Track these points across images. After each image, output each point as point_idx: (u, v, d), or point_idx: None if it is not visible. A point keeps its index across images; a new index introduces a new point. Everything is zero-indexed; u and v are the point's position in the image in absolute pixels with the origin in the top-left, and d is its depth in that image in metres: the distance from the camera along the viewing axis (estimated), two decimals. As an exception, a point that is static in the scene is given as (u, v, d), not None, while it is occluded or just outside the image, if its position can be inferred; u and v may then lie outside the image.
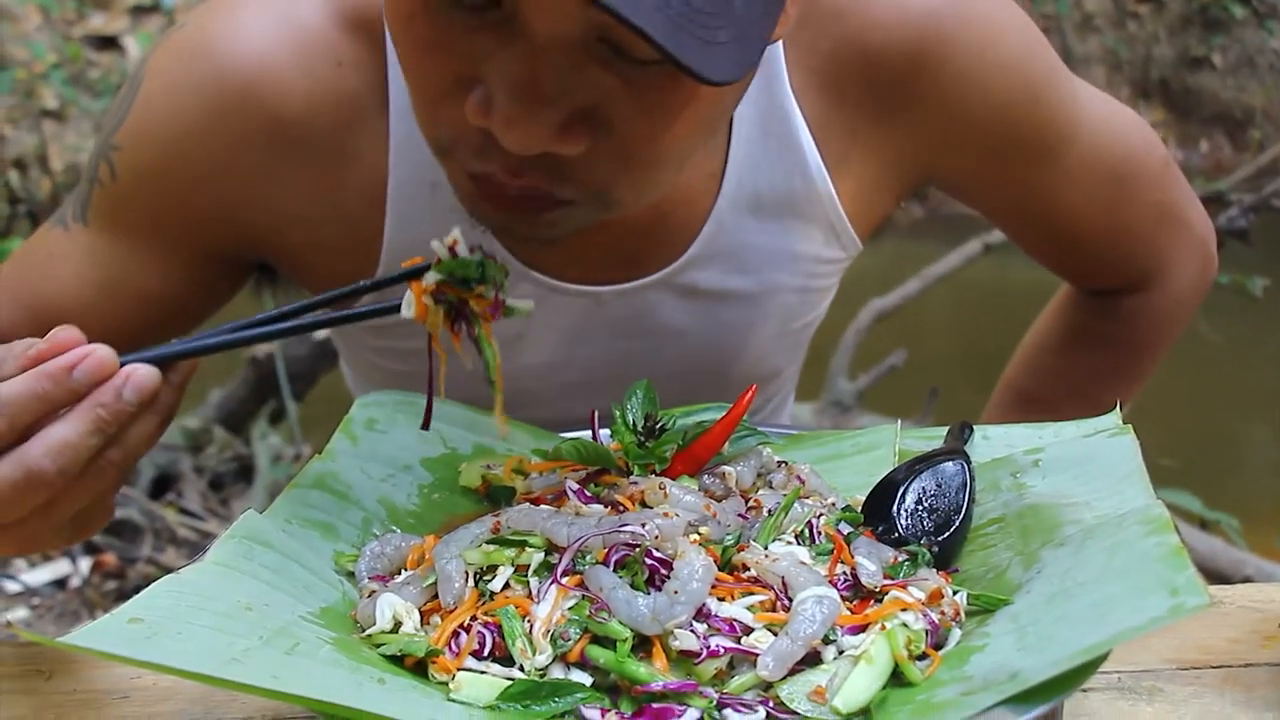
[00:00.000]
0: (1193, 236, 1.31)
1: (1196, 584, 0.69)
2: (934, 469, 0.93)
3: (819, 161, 1.11)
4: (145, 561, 3.23)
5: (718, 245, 1.12)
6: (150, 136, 1.05)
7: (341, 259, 1.10)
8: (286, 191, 1.06)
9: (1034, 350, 1.44)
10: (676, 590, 0.75)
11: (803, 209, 1.13)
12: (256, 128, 1.03)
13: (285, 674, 0.69)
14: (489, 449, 1.03)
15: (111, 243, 1.09)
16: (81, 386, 0.76)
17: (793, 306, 1.20)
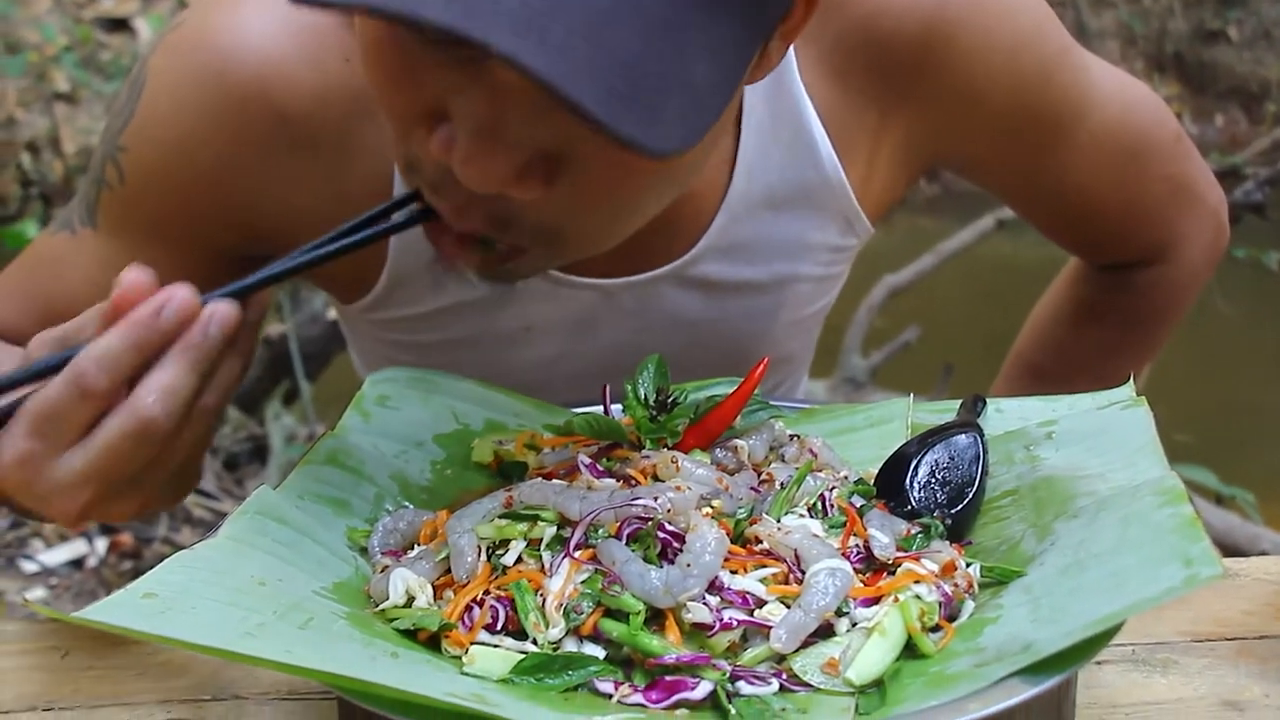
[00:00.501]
0: (1205, 209, 1.31)
1: (1211, 555, 0.69)
2: (947, 442, 0.93)
3: (830, 151, 1.10)
4: (161, 541, 3.24)
5: (728, 237, 1.12)
6: (155, 137, 1.04)
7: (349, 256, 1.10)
8: (294, 188, 1.06)
9: (1044, 324, 1.43)
10: (689, 563, 0.75)
11: (815, 199, 1.12)
12: (262, 124, 1.02)
13: (299, 648, 0.69)
14: (501, 425, 1.04)
15: (122, 246, 1.07)
16: (171, 328, 0.75)
17: (805, 295, 1.19)
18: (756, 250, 1.13)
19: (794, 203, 1.11)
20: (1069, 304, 1.41)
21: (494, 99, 0.75)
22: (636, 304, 1.14)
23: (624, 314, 1.14)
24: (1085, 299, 1.39)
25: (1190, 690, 0.84)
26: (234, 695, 0.84)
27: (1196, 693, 0.83)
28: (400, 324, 1.15)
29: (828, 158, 1.10)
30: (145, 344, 0.75)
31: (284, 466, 3.38)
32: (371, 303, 1.13)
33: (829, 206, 1.13)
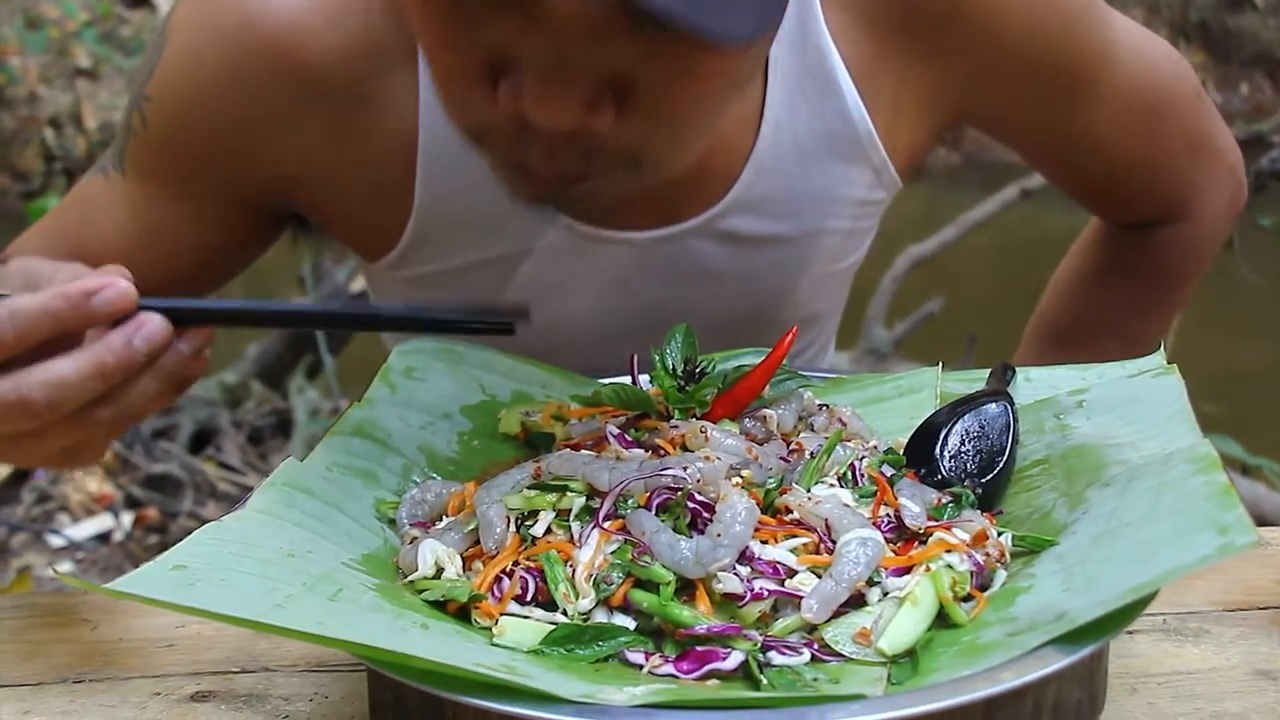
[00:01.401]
0: (1224, 166, 1.31)
1: (1245, 522, 0.68)
2: (977, 411, 0.92)
3: (859, 102, 1.10)
4: (186, 515, 3.26)
5: (758, 190, 1.12)
6: (177, 88, 1.05)
7: (373, 210, 1.10)
8: (314, 141, 1.06)
9: (1066, 285, 1.43)
10: (719, 533, 0.75)
11: (844, 151, 1.12)
12: (282, 79, 1.03)
13: (330, 620, 0.69)
14: (528, 395, 1.03)
15: (147, 192, 1.10)
16: (96, 314, 0.75)
17: (834, 249, 1.19)
18: (785, 203, 1.13)
19: (821, 154, 1.12)
20: (1090, 265, 1.40)
21: (554, 36, 0.76)
22: (666, 258, 1.13)
23: (653, 269, 1.14)
24: (1105, 260, 1.39)
25: (1223, 659, 0.83)
26: (263, 667, 0.84)
27: (1229, 662, 0.83)
28: (426, 280, 1.15)
29: (855, 108, 1.10)
30: (62, 317, 0.75)
31: (308, 440, 3.39)
32: (396, 259, 1.13)
33: (857, 158, 1.13)
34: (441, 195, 1.08)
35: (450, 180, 1.07)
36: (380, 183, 1.08)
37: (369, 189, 1.09)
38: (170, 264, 1.11)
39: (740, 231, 1.13)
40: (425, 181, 1.07)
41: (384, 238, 1.12)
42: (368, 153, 1.07)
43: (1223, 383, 3.86)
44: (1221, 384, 3.80)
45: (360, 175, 1.08)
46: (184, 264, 1.12)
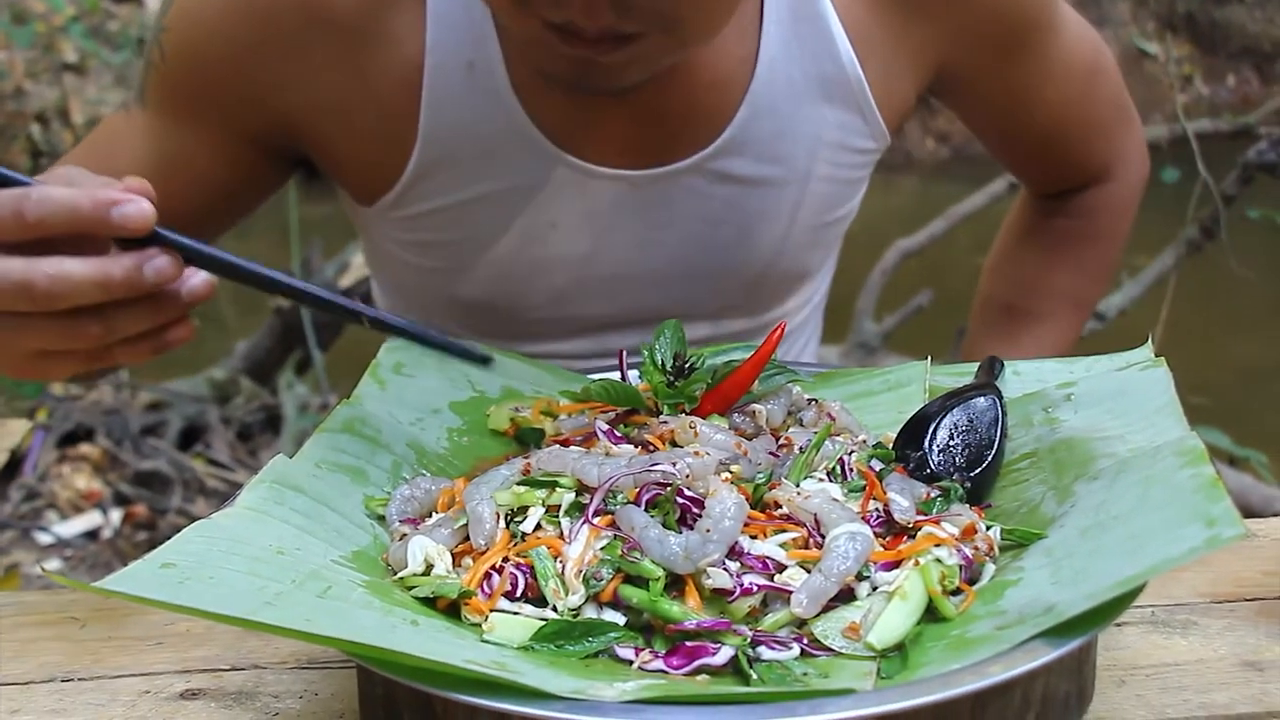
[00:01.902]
0: (1138, 130, 1.39)
1: (1233, 515, 0.68)
2: (965, 404, 0.92)
3: (849, 47, 1.13)
4: (175, 512, 3.25)
5: (750, 131, 1.14)
6: (193, 16, 1.09)
7: (376, 144, 1.13)
8: (321, 74, 1.09)
9: (1005, 262, 1.47)
10: (709, 529, 0.75)
11: (834, 94, 1.15)
12: (290, 9, 1.07)
13: (319, 617, 0.69)
14: (517, 391, 1.03)
15: (164, 123, 1.13)
16: (114, 224, 0.76)
17: (824, 197, 1.21)
18: (777, 145, 1.15)
19: (814, 97, 1.14)
20: (1025, 238, 1.45)
21: None
22: (660, 197, 1.15)
23: (647, 208, 1.15)
24: (1039, 231, 1.43)
25: (1210, 651, 0.83)
26: (253, 665, 0.84)
27: (1217, 653, 0.83)
28: (424, 220, 1.16)
29: (845, 54, 1.14)
30: (81, 215, 0.76)
31: (297, 436, 3.39)
32: (396, 198, 1.15)
33: (847, 102, 1.16)
34: (445, 128, 1.10)
35: (454, 114, 1.09)
36: (385, 115, 1.11)
37: (374, 121, 1.11)
38: (187, 196, 1.13)
39: (733, 172, 1.15)
40: (429, 114, 1.09)
41: (386, 173, 1.14)
42: (374, 84, 1.09)
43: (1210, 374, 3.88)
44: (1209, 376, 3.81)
45: (366, 107, 1.10)
46: (200, 197, 1.14)
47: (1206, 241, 3.42)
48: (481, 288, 1.19)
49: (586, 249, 1.17)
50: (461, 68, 1.08)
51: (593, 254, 1.17)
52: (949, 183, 5.14)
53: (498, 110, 1.09)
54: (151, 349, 0.82)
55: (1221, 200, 3.34)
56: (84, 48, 5.91)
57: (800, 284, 1.28)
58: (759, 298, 1.25)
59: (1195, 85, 8.77)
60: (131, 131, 1.14)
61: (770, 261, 1.21)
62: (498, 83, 1.08)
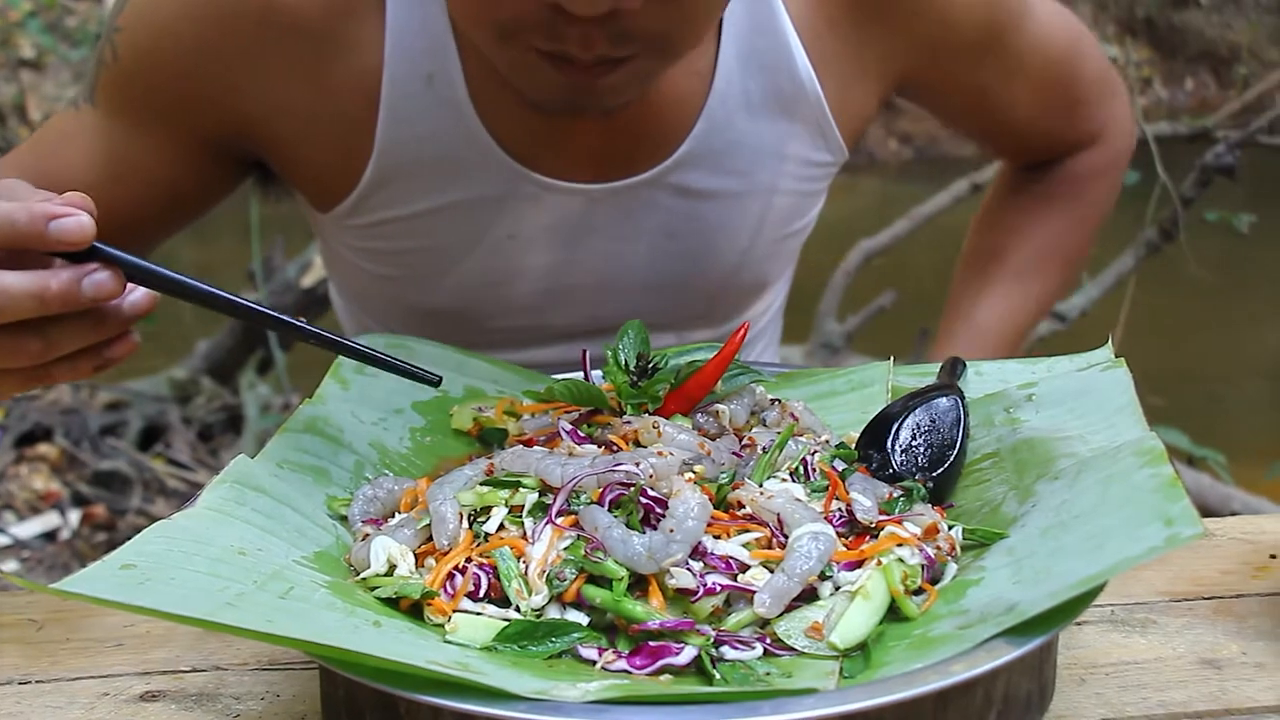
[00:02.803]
0: (1123, 97, 1.39)
1: (1191, 514, 0.69)
2: (927, 405, 0.93)
3: (806, 62, 1.13)
4: (135, 513, 3.23)
5: (708, 144, 1.14)
6: (146, 17, 1.08)
7: (332, 152, 1.12)
8: (277, 79, 1.08)
9: (989, 216, 1.46)
10: (672, 529, 0.75)
11: (791, 109, 1.15)
12: (248, 11, 1.05)
13: (280, 618, 0.68)
14: (480, 391, 1.03)
15: (115, 123, 1.11)
16: (50, 238, 0.75)
17: (781, 210, 1.21)
18: (735, 157, 1.15)
19: (770, 110, 1.15)
20: (1009, 197, 1.44)
21: None
22: (619, 210, 1.15)
23: (607, 222, 1.15)
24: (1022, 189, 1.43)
25: (1169, 649, 0.84)
26: (214, 666, 0.84)
27: (1175, 651, 0.84)
28: (381, 228, 1.16)
29: (803, 67, 1.14)
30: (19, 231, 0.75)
31: (259, 436, 3.37)
32: (352, 205, 1.14)
33: (804, 117, 1.16)
34: (402, 138, 1.09)
35: (411, 125, 1.09)
36: (343, 122, 1.10)
37: (331, 128, 1.10)
38: (138, 198, 1.12)
39: (691, 186, 1.15)
40: (387, 125, 1.09)
41: (343, 180, 1.13)
42: (332, 91, 1.08)
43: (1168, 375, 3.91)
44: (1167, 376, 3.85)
45: (323, 114, 1.09)
46: (150, 199, 1.13)
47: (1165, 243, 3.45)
48: (438, 297, 1.18)
49: (545, 261, 1.16)
50: (420, 79, 1.07)
51: (551, 266, 1.17)
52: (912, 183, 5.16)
53: (456, 123, 1.08)
54: (92, 366, 0.81)
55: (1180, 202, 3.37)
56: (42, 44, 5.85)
57: (760, 294, 1.28)
58: (721, 308, 1.25)
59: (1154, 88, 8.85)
60: (80, 131, 1.13)
61: (731, 273, 1.21)
62: (456, 95, 1.08)
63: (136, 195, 1.12)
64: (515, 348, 1.19)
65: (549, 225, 1.14)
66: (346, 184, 1.12)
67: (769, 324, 1.36)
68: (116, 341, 0.81)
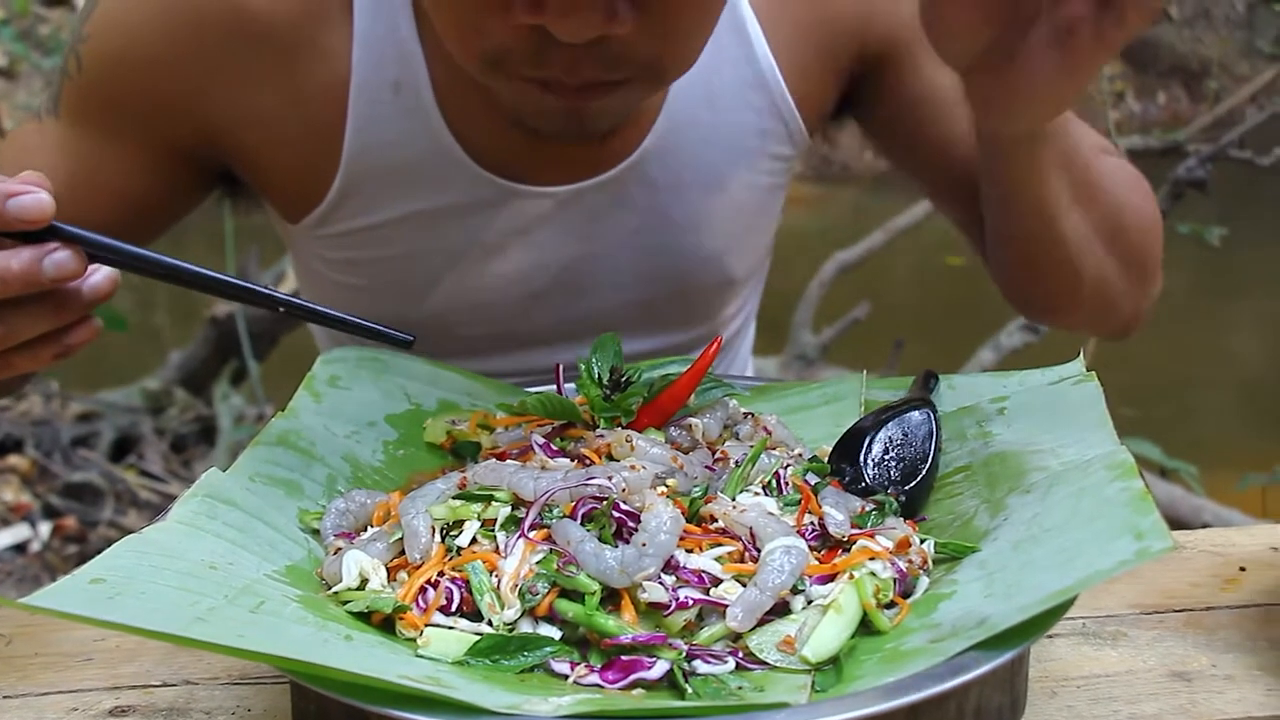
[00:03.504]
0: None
1: (1161, 528, 0.69)
2: (900, 418, 0.93)
3: (766, 50, 1.14)
4: (107, 525, 3.21)
5: (671, 139, 1.14)
6: (114, 24, 1.07)
7: (301, 162, 1.11)
8: (246, 86, 1.07)
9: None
10: (644, 543, 0.75)
11: (752, 99, 1.15)
12: (217, 18, 1.05)
13: (251, 632, 0.68)
14: (454, 404, 1.03)
15: (81, 134, 1.10)
16: (8, 216, 0.73)
17: (747, 204, 1.21)
18: (697, 152, 1.16)
19: (732, 100, 1.15)
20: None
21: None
22: (586, 211, 1.15)
23: (574, 223, 1.16)
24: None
25: (1140, 662, 0.85)
26: (185, 681, 0.83)
27: (1145, 664, 0.84)
28: (351, 238, 1.15)
29: (763, 56, 1.14)
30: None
31: (232, 448, 3.35)
32: (322, 215, 1.14)
33: (765, 107, 1.16)
34: (370, 146, 1.09)
35: (379, 133, 1.09)
36: (311, 131, 1.09)
37: (300, 136, 1.10)
38: (104, 209, 1.11)
39: (657, 181, 1.15)
40: (355, 133, 1.09)
41: (312, 190, 1.13)
42: (300, 99, 1.08)
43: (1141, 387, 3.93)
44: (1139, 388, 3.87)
45: (292, 122, 1.09)
46: (117, 210, 1.12)
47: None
48: (409, 307, 1.18)
49: (515, 266, 1.17)
50: (387, 87, 1.07)
51: (522, 271, 1.17)
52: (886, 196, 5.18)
53: (423, 130, 1.08)
54: (53, 353, 0.79)
55: (1152, 215, 3.38)
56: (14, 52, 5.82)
57: (730, 293, 1.28)
58: (689, 308, 1.25)
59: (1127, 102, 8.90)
60: (44, 144, 1.11)
61: (697, 269, 1.21)
62: (423, 103, 1.08)
63: (104, 207, 1.11)
64: (488, 354, 1.19)
65: (518, 230, 1.15)
66: (315, 193, 1.12)
67: (741, 331, 1.36)
68: (77, 327, 0.79)
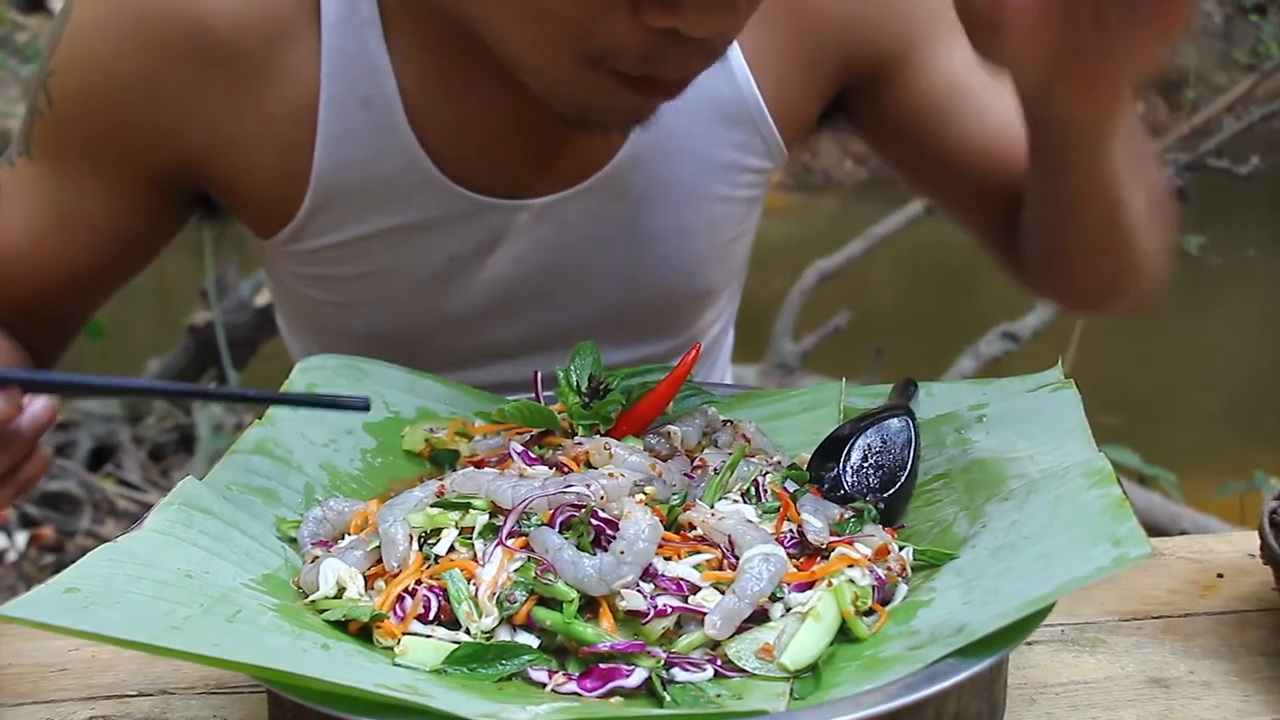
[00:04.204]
0: None
1: (1139, 535, 0.69)
2: (879, 426, 0.93)
3: (743, 65, 1.13)
4: (84, 534, 3.19)
5: (643, 152, 1.13)
6: (80, 58, 1.05)
7: (271, 180, 1.10)
8: (217, 110, 1.06)
9: None
10: (623, 550, 0.75)
11: (729, 114, 1.14)
12: (182, 44, 1.03)
13: (227, 642, 0.68)
14: (432, 412, 1.03)
15: (55, 173, 1.09)
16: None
17: (721, 217, 1.21)
18: (670, 165, 1.15)
19: (707, 116, 1.13)
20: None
21: None
22: (558, 223, 1.14)
23: (546, 235, 1.15)
24: None
25: (1118, 669, 0.85)
26: (161, 690, 0.83)
27: (1124, 671, 0.85)
28: (322, 254, 1.15)
29: (740, 71, 1.13)
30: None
31: (211, 456, 3.34)
32: (293, 232, 1.13)
33: (741, 121, 1.15)
34: (340, 163, 1.08)
35: (348, 149, 1.08)
36: (281, 149, 1.08)
37: (270, 155, 1.09)
38: (85, 248, 1.10)
39: (628, 194, 1.15)
40: (324, 150, 1.08)
41: (283, 207, 1.12)
42: (270, 118, 1.07)
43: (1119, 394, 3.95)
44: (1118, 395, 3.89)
45: (263, 141, 1.08)
46: (99, 247, 1.11)
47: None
48: (382, 322, 1.18)
49: (488, 279, 1.16)
50: (356, 103, 1.06)
51: (495, 283, 1.16)
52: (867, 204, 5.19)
53: (393, 146, 1.08)
54: (9, 495, 0.81)
55: (1131, 224, 3.40)
56: (-8, 60, 5.80)
57: (705, 304, 1.28)
58: (664, 319, 1.25)
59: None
60: (18, 186, 1.09)
61: (673, 281, 1.21)
62: (393, 118, 1.07)
63: (88, 244, 1.10)
64: (465, 367, 1.18)
65: (492, 243, 1.14)
66: (287, 211, 1.11)
67: (719, 339, 1.35)
68: (25, 463, 0.81)
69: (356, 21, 1.05)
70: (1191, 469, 3.57)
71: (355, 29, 1.05)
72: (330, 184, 1.09)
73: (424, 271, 1.15)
